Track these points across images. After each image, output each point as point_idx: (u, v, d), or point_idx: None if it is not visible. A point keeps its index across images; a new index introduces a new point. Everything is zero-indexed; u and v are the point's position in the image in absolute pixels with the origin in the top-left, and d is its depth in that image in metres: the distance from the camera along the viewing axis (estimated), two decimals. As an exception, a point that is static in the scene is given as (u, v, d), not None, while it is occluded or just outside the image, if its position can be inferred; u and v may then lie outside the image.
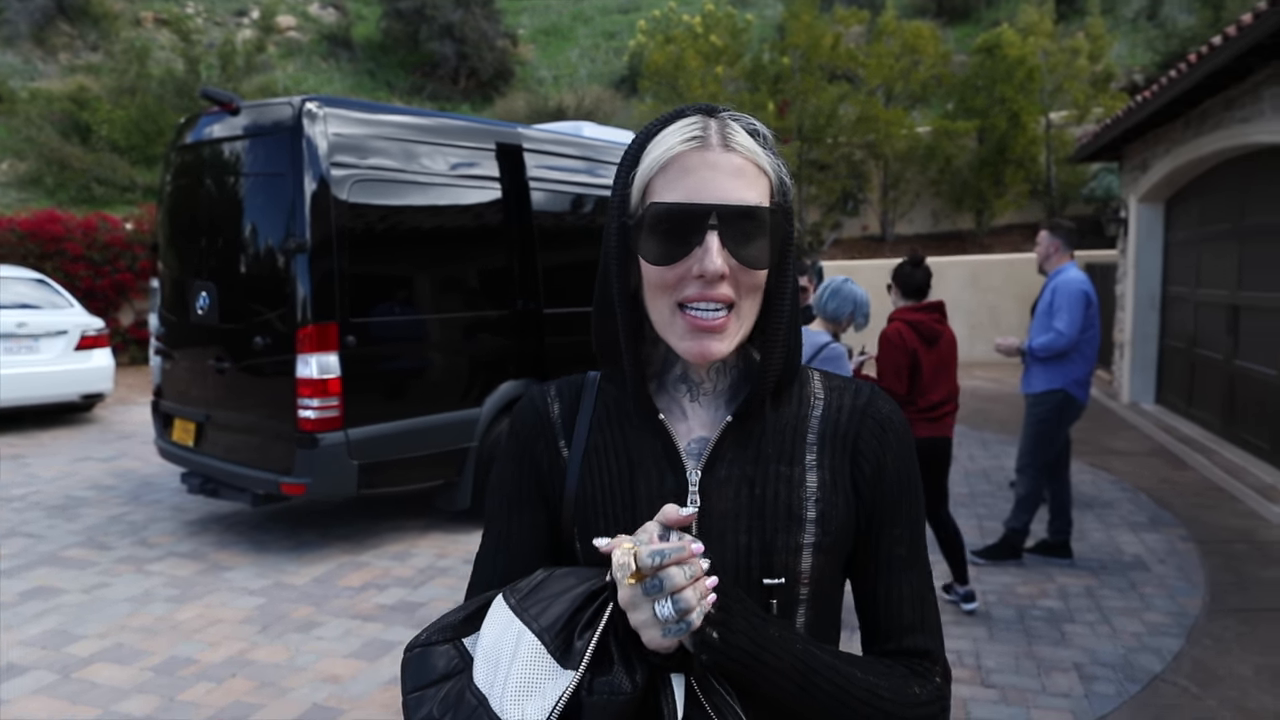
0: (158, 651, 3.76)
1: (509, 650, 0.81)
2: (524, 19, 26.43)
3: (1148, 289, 9.41)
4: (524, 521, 0.98)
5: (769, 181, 0.88)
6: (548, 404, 1.01)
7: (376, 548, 5.14)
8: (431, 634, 0.90)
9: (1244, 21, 5.57)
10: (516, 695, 0.78)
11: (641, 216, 0.87)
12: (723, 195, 0.84)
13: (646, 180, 0.88)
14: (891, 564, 0.94)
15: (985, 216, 16.03)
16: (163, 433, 5.61)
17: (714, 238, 0.84)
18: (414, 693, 0.87)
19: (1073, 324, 4.49)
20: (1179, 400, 8.71)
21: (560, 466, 0.98)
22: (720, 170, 0.85)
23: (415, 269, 5.14)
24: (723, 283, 0.85)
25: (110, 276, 11.62)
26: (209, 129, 5.24)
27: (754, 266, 0.86)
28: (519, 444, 1.01)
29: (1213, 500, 5.93)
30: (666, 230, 0.85)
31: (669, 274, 0.86)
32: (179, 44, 17.29)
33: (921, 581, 0.95)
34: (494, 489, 1.02)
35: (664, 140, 0.88)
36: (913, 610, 0.93)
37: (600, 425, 0.97)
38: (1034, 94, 15.21)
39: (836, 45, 15.76)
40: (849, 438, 0.94)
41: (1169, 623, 3.96)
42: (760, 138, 0.90)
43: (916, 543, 0.95)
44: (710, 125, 0.87)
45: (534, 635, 0.81)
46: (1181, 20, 18.93)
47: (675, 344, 0.89)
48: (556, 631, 0.80)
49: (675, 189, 0.85)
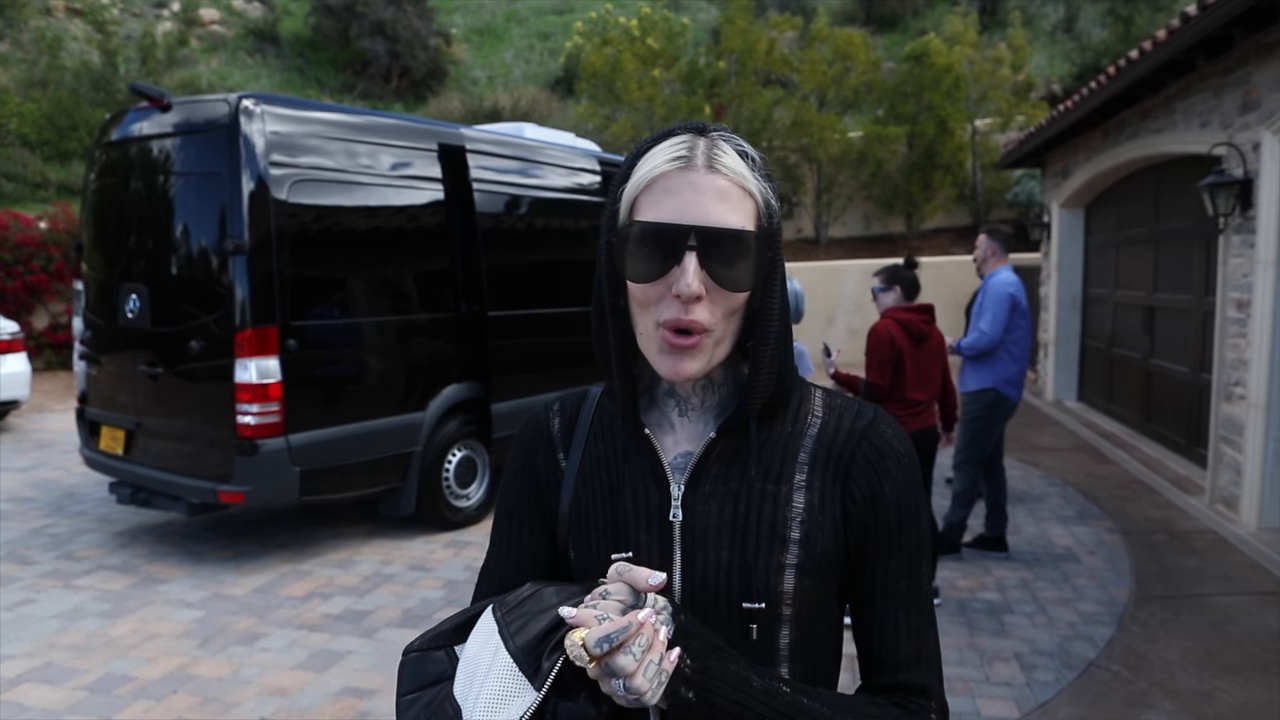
0: (91, 669, 3.61)
1: (485, 664, 0.83)
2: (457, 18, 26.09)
3: (1069, 291, 9.81)
4: (522, 532, 1.01)
5: (755, 204, 0.88)
6: (549, 418, 1.04)
7: (318, 556, 5.02)
8: (427, 640, 0.92)
9: (1158, 37, 5.86)
10: (486, 708, 0.80)
11: (625, 234, 0.87)
12: (703, 217, 0.84)
13: (632, 198, 0.88)
14: (889, 596, 0.92)
15: (915, 220, 16.46)
16: (89, 441, 5.38)
17: (691, 259, 0.84)
18: (408, 695, 0.89)
19: (995, 324, 4.68)
20: (1099, 397, 9.10)
21: (557, 479, 1.00)
22: (703, 192, 0.85)
23: (357, 271, 5.04)
24: (699, 304, 0.85)
25: (23, 278, 11.07)
26: (138, 125, 5.04)
27: (733, 289, 0.86)
28: (521, 456, 1.04)
29: (1134, 493, 6.22)
30: (647, 249, 0.85)
31: (650, 291, 0.86)
32: (94, 35, 16.58)
33: (920, 616, 0.93)
34: (498, 500, 1.05)
35: (651, 158, 0.88)
36: (909, 645, 0.92)
37: (596, 439, 0.99)
38: (960, 101, 15.70)
39: (771, 50, 15.99)
40: (842, 461, 0.93)
41: (1101, 611, 4.14)
42: (749, 160, 0.89)
43: (916, 576, 0.93)
44: (698, 145, 0.87)
45: (508, 653, 0.82)
46: (1095, 34, 19.79)
47: (652, 360, 0.89)
48: (529, 650, 0.81)
49: (658, 208, 0.86)
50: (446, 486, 5.52)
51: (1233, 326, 5.52)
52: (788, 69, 16.44)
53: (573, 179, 6.55)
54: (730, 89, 15.76)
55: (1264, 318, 5.08)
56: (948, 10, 18.93)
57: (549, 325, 6.16)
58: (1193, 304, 6.70)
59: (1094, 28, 20.34)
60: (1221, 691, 3.38)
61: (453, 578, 4.70)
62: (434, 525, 5.46)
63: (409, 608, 4.28)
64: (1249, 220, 5.31)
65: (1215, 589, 4.41)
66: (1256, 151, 5.19)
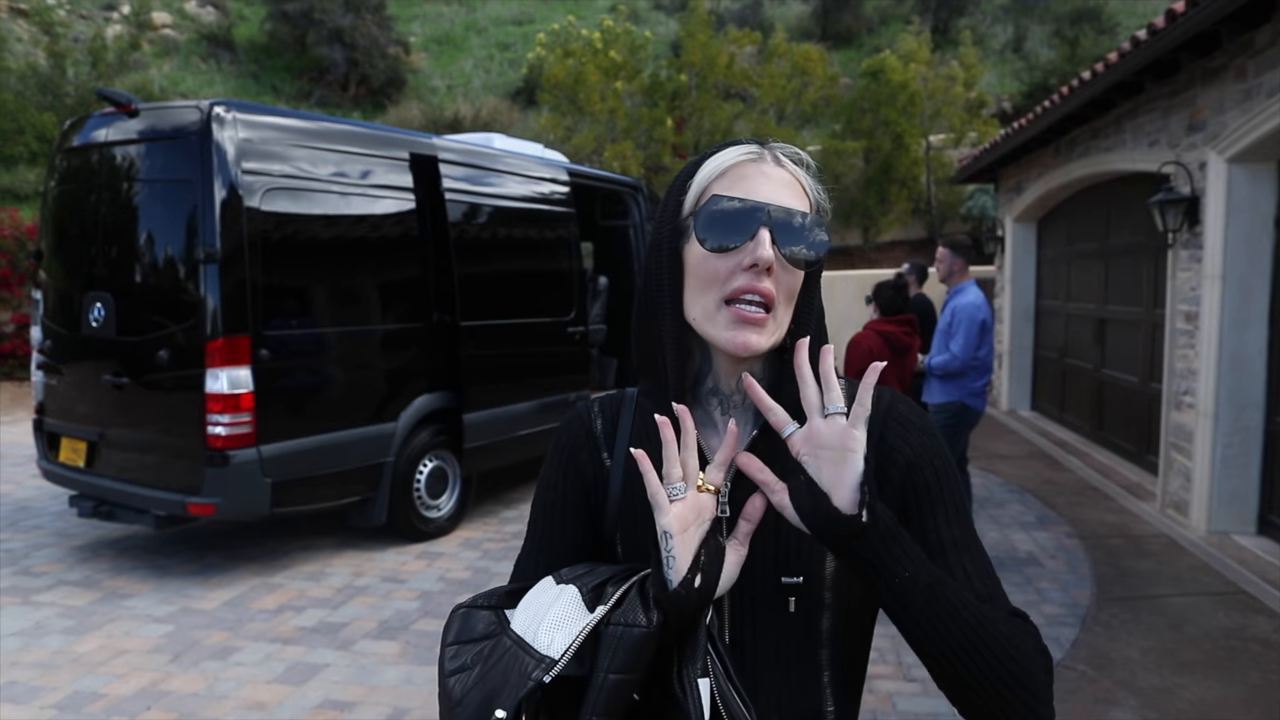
0: (59, 687, 3.52)
1: (549, 601, 0.90)
2: (415, 26, 25.97)
3: (1023, 303, 10.10)
4: (565, 526, 1.05)
5: (810, 202, 0.98)
6: (591, 419, 1.09)
7: (289, 568, 4.96)
8: (478, 599, 0.97)
9: (1110, 59, 6.10)
10: (549, 628, 0.87)
11: (699, 210, 0.94)
12: (774, 199, 0.94)
13: (705, 185, 0.96)
14: (947, 546, 0.94)
15: (872, 233, 16.79)
16: (47, 453, 5.25)
17: (766, 232, 0.92)
18: (452, 645, 0.92)
19: (967, 347, 4.85)
20: (1052, 406, 9.37)
21: (604, 476, 1.05)
22: (773, 180, 0.95)
23: (329, 281, 5.00)
24: (769, 276, 0.92)
25: (-33, 285, 10.73)
26: (101, 131, 4.95)
27: (796, 265, 0.94)
28: (565, 455, 1.08)
29: (1090, 499, 6.42)
30: (723, 221, 0.93)
31: (721, 265, 0.93)
32: (41, 37, 16.13)
33: (983, 556, 0.96)
34: (538, 494, 1.09)
35: (722, 155, 0.97)
36: (984, 583, 0.93)
37: (640, 439, 1.03)
38: (915, 117, 16.08)
39: (731, 64, 16.22)
40: (873, 441, 0.96)
41: (1064, 613, 4.28)
42: (805, 165, 1.00)
43: (967, 521, 0.97)
44: (764, 149, 0.98)
45: (574, 588, 0.91)
46: (1043, 54, 20.43)
47: (717, 336, 0.94)
48: (593, 586, 0.90)
49: (733, 190, 0.94)
50: (418, 497, 5.49)
51: (1181, 338, 5.75)
52: (748, 83, 16.68)
53: (542, 189, 6.58)
54: (691, 102, 15.94)
55: (1211, 329, 5.30)
56: (901, 28, 19.37)
57: (521, 335, 6.17)
58: (1142, 316, 6.95)
59: (1042, 48, 21.01)
60: (1181, 688, 3.52)
61: (427, 589, 4.67)
62: (405, 536, 5.43)
63: (384, 619, 4.25)
64: (1196, 236, 5.54)
65: (1170, 590, 4.58)
66: (1203, 170, 5.42)
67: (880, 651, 3.86)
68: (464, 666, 0.89)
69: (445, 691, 0.88)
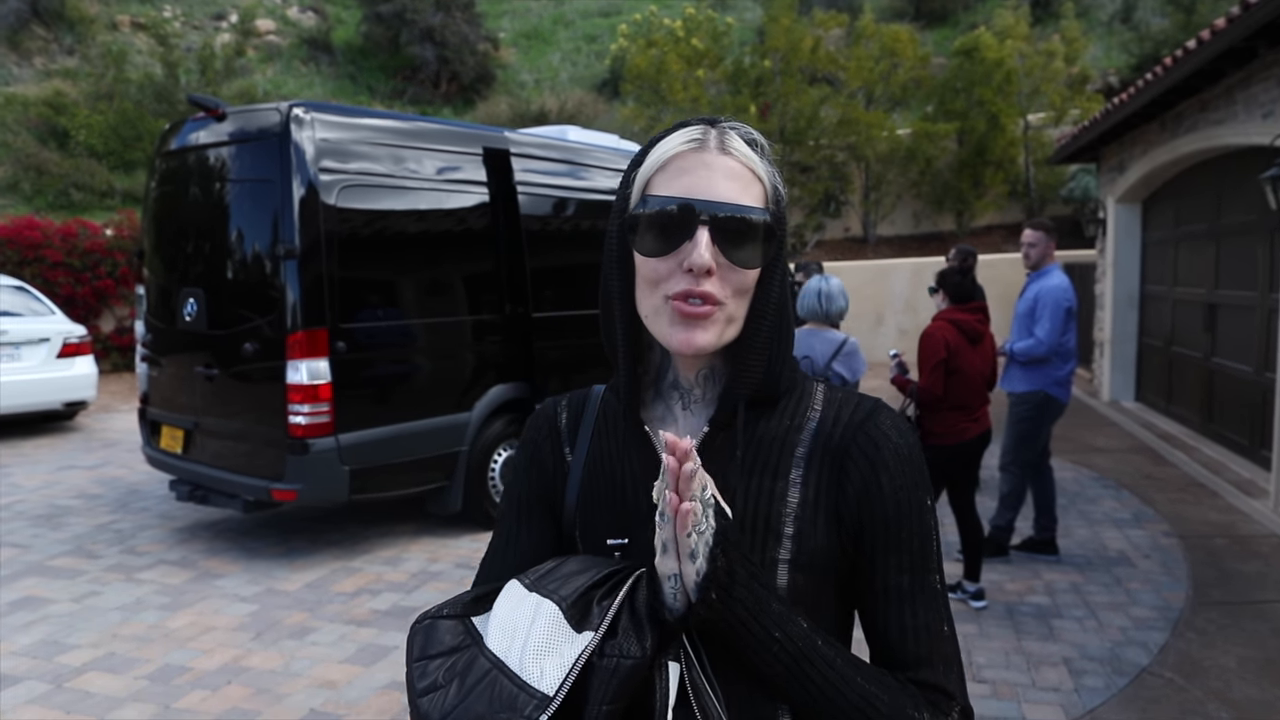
0: (151, 660, 3.74)
1: (526, 618, 0.84)
2: (505, 22, 26.39)
3: (1126, 288, 9.56)
4: (531, 523, 1.03)
5: (764, 188, 0.91)
6: (557, 413, 1.07)
7: (368, 553, 5.13)
8: (442, 608, 0.92)
9: (1217, 25, 5.68)
10: (535, 654, 0.80)
11: (639, 211, 0.90)
12: (716, 194, 0.87)
13: (646, 179, 0.91)
14: (890, 593, 0.89)
15: (965, 217, 16.19)
16: (150, 440, 5.58)
17: (704, 233, 0.86)
18: (419, 662, 0.87)
19: (1053, 332, 4.59)
20: (1158, 398, 8.85)
21: (564, 472, 1.03)
22: (716, 171, 0.88)
23: (404, 274, 5.14)
24: (710, 279, 0.87)
25: (91, 283, 11.50)
26: (195, 135, 5.22)
27: (742, 265, 0.88)
28: (529, 449, 1.06)
29: (1194, 496, 6.04)
30: (660, 224, 0.88)
31: (660, 267, 0.88)
32: (157, 48, 17.13)
33: (929, 612, 0.89)
34: (507, 490, 1.08)
35: (665, 143, 0.92)
36: (918, 643, 0.88)
37: (600, 434, 1.01)
38: (1012, 96, 15.39)
39: (816, 48, 15.87)
40: (838, 455, 0.91)
41: (1154, 617, 4.03)
42: (758, 147, 0.93)
43: (923, 572, 0.90)
44: (710, 132, 0.91)
45: (553, 603, 0.83)
46: (1155, 23, 19.21)
47: (662, 334, 0.90)
48: (574, 600, 0.83)
49: (671, 186, 0.88)
50: (492, 485, 5.59)
51: (1297, 324, 5.33)
52: (834, 67, 16.29)
53: (616, 180, 6.59)
54: (775, 88, 15.68)
55: (1330, 314, 4.89)
56: (999, 3, 18.55)
57: (592, 326, 6.20)
58: (1257, 300, 6.48)
59: (1153, 17, 19.75)
60: (1282, 701, 3.27)
61: (497, 575, 4.76)
62: (480, 523, 5.54)
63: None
64: (1314, 213, 5.12)
65: (1278, 595, 4.26)
66: (1322, 142, 5.00)
67: (950, 651, 3.72)
68: (436, 685, 0.84)
69: (419, 714, 0.83)
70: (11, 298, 8.36)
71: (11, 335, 7.91)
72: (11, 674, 3.61)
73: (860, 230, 17.02)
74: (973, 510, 4.22)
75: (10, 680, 3.56)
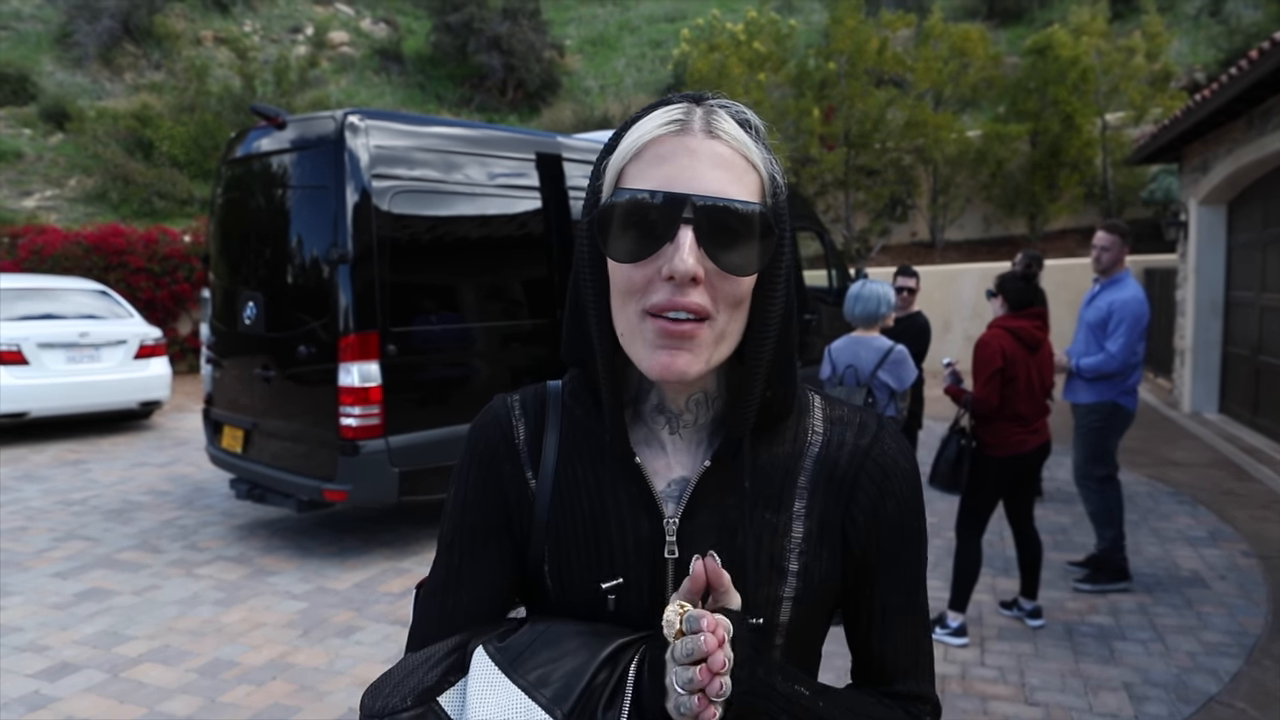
0: (203, 653, 3.84)
1: None
2: (570, 29, 26.65)
3: (1209, 294, 9.09)
4: (487, 553, 0.88)
5: (759, 178, 0.78)
6: (513, 424, 0.91)
7: (418, 554, 5.19)
8: (395, 699, 0.78)
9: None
10: None
11: (609, 207, 0.75)
12: (701, 186, 0.73)
13: (619, 168, 0.78)
14: (886, 612, 0.89)
15: (1039, 221, 15.67)
16: (213, 439, 5.75)
17: (687, 233, 0.72)
18: None
19: (1127, 347, 4.31)
20: (1243, 409, 8.39)
21: (528, 498, 0.88)
22: (701, 158, 0.74)
23: (455, 278, 5.20)
24: (695, 288, 0.73)
25: (169, 288, 11.99)
26: (257, 143, 5.37)
27: (736, 272, 0.74)
28: (483, 468, 0.90)
29: (1278, 514, 5.69)
30: (634, 223, 0.74)
31: (635, 274, 0.75)
32: (236, 61, 17.81)
33: (917, 627, 0.90)
34: (452, 514, 0.90)
35: (642, 125, 0.78)
36: (907, 657, 0.89)
37: (570, 458, 0.87)
38: (1088, 95, 14.84)
39: (883, 49, 15.57)
40: (845, 484, 0.85)
41: (1228, 642, 3.79)
42: (751, 129, 0.79)
43: (914, 590, 0.90)
44: (695, 111, 0.77)
45: (547, 715, 0.72)
46: (1247, 15, 18.30)
47: (639, 358, 0.77)
48: (571, 707, 0.72)
49: (648, 177, 0.75)
50: (541, 489, 5.60)
51: (1394, 332, 4.97)
52: (901, 68, 15.96)
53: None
54: (840, 90, 15.44)
55: None
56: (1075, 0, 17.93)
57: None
58: (1349, 307, 6.08)
59: (1245, 8, 18.82)
60: (1367, 738, 3.04)
61: (542, 580, 4.76)
62: (528, 527, 5.56)
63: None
64: None
65: (1367, 623, 3.97)
66: None
67: (1002, 670, 3.57)
68: None
69: None
70: (93, 301, 8.75)
71: (92, 337, 8.27)
72: (72, 662, 3.75)
73: (928, 235, 16.62)
74: (1030, 524, 4.04)
75: (70, 668, 3.69)
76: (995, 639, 3.89)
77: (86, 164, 16.70)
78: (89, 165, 16.64)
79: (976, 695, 3.37)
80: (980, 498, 3.90)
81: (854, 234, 16.11)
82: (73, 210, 15.76)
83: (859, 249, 15.97)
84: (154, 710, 3.35)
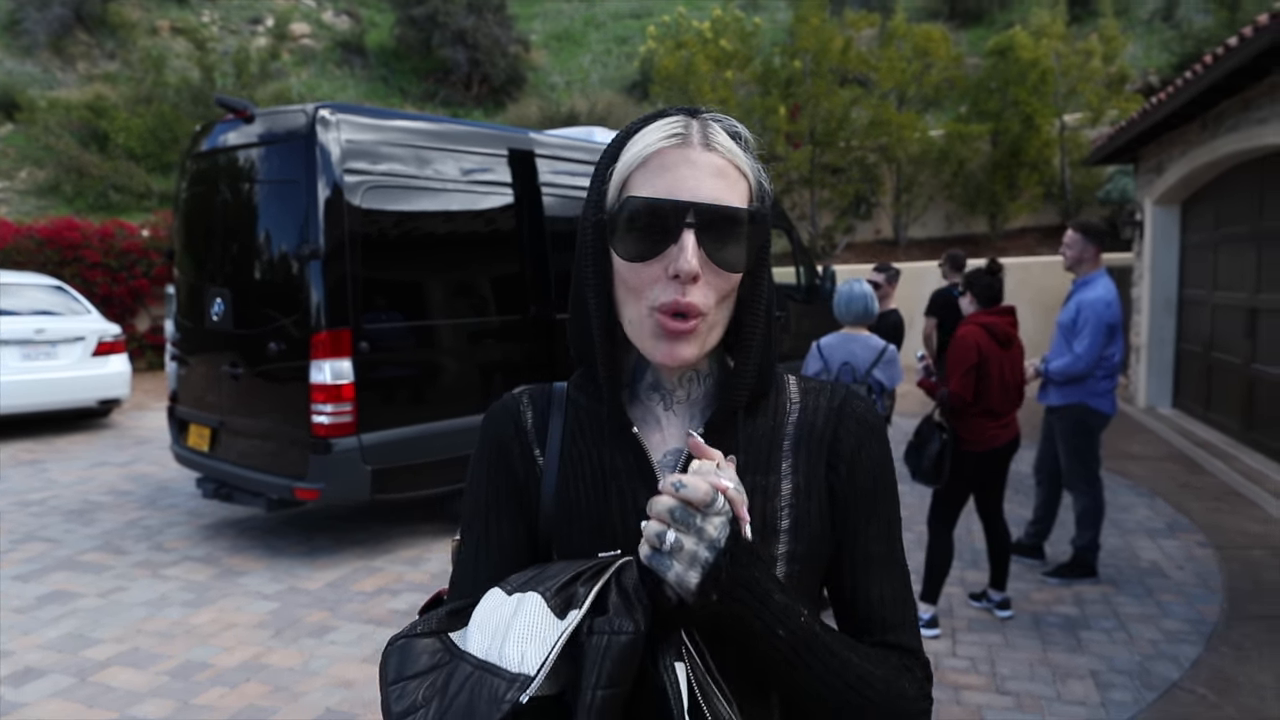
0: (174, 655, 3.78)
1: (508, 614, 0.80)
2: (536, 24, 26.50)
3: (1163, 292, 9.34)
4: (502, 528, 0.96)
5: (749, 185, 0.88)
6: (521, 411, 1.00)
7: (390, 553, 5.15)
8: (415, 626, 0.87)
9: (1260, 22, 5.53)
10: (518, 643, 0.76)
11: (617, 211, 0.86)
12: (702, 194, 0.84)
13: (625, 176, 0.87)
14: (870, 562, 0.93)
15: (999, 220, 15.94)
16: (178, 438, 5.65)
17: (690, 236, 0.82)
18: (395, 684, 0.82)
19: (1092, 348, 4.32)
20: (1196, 404, 8.63)
21: (535, 475, 0.96)
22: (700, 168, 0.85)
23: (428, 275, 5.16)
24: (696, 286, 0.84)
25: (127, 283, 11.72)
26: (224, 136, 5.28)
27: (729, 270, 0.85)
28: (494, 451, 0.99)
29: (1231, 505, 5.87)
30: (642, 226, 0.84)
31: (643, 272, 0.85)
32: (194, 52, 17.44)
33: (901, 580, 0.94)
34: (469, 494, 1.00)
35: (644, 137, 0.87)
36: (894, 611, 0.93)
37: (574, 436, 0.96)
38: (1047, 96, 15.13)
39: (847, 49, 15.73)
40: (824, 439, 0.94)
41: (1187, 630, 3.92)
42: (741, 140, 0.89)
43: (894, 540, 0.95)
44: (692, 125, 0.87)
45: (537, 595, 0.80)
46: (1198, 21, 18.79)
47: (645, 347, 0.87)
48: (557, 589, 0.79)
49: (653, 185, 0.85)
50: (514, 487, 5.59)
51: (1341, 329, 5.16)
52: (865, 67, 16.14)
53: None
54: (806, 89, 15.56)
55: (1376, 320, 4.73)
56: (1035, 2, 18.26)
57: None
58: (1298, 305, 6.29)
59: (1196, 14, 19.32)
60: (1320, 720, 3.16)
61: (517, 577, 4.75)
62: (501, 525, 5.54)
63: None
64: (1360, 216, 4.95)
65: (1318, 610, 4.12)
66: (1368, 142, 4.84)
67: (973, 661, 3.65)
68: (414, 706, 0.78)
69: None
70: (49, 297, 8.53)
71: (48, 334, 8.07)
72: (38, 666, 3.67)
73: (891, 232, 16.84)
74: (1000, 517, 4.13)
75: (36, 673, 3.61)
76: (965, 630, 3.97)
77: (38, 155, 16.25)
78: (41, 157, 16.19)
79: (949, 685, 3.45)
80: (954, 491, 3.98)
81: (819, 231, 16.26)
82: (24, 203, 15.33)
83: (824, 246, 16.12)
84: (125, 714, 3.29)
